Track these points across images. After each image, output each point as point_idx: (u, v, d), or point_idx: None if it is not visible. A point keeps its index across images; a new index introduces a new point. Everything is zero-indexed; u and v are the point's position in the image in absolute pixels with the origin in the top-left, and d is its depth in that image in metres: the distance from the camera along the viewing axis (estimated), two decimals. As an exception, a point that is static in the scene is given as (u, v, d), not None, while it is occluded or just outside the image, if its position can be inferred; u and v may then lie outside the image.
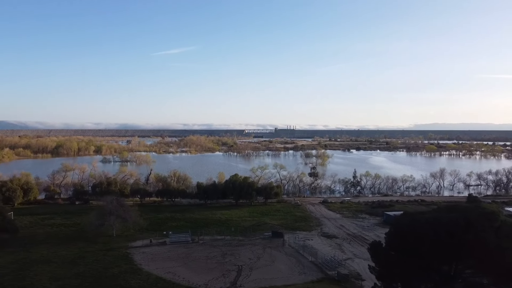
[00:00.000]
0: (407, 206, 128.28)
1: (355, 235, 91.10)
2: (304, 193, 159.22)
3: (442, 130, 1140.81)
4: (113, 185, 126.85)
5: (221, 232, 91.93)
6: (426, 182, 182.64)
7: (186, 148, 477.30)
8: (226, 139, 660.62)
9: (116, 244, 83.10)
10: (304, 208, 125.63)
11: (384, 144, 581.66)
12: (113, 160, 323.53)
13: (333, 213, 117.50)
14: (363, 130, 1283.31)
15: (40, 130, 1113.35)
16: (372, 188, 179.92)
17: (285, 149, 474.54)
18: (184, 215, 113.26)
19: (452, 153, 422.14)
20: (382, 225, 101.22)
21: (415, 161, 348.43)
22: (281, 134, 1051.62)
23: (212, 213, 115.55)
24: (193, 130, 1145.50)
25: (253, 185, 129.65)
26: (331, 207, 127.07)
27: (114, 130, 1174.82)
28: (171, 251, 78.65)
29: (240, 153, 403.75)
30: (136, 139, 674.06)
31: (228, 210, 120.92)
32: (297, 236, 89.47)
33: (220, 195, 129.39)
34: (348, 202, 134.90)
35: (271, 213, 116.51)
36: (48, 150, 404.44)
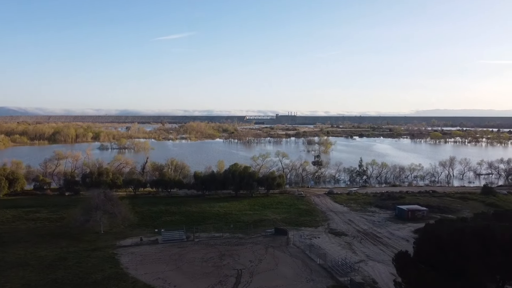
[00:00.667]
0: (418, 198, 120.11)
1: (366, 232, 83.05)
2: (308, 183, 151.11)
3: (444, 117, 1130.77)
4: (105, 175, 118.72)
5: (219, 228, 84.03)
6: (435, 171, 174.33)
7: (186, 134, 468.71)
8: (226, 125, 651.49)
9: (103, 242, 75.18)
10: (309, 200, 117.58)
11: (387, 131, 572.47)
12: (110, 147, 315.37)
13: (340, 206, 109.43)
14: (365, 117, 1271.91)
15: (40, 116, 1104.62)
16: (379, 177, 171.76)
17: (287, 135, 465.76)
18: (179, 208, 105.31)
19: (457, 140, 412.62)
20: (394, 220, 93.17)
21: (420, 149, 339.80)
22: (282, 120, 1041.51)
23: (210, 206, 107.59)
24: (194, 117, 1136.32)
25: (254, 175, 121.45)
26: (338, 199, 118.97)
27: (114, 116, 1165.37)
28: (163, 251, 70.70)
29: (241, 140, 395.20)
30: (136, 125, 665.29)
31: (227, 202, 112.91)
32: (302, 233, 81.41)
33: (219, 185, 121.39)
34: (355, 193, 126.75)
35: (274, 206, 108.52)
36: (45, 136, 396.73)
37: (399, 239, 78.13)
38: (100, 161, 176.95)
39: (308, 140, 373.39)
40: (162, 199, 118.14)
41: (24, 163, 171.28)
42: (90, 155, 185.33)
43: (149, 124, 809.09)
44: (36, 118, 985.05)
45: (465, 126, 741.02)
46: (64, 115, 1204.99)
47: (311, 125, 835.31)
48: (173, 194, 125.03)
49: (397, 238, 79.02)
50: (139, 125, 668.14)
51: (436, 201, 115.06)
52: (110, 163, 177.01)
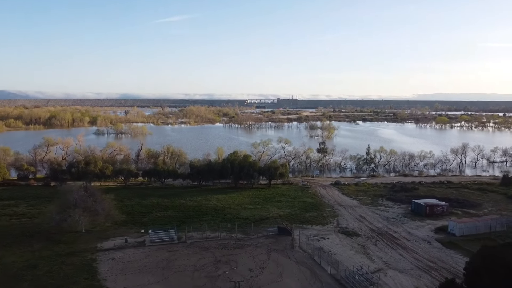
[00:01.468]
0: (433, 189, 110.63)
1: (380, 231, 73.65)
2: (312, 172, 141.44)
3: (448, 101, 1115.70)
4: (92, 164, 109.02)
5: (216, 227, 74.77)
6: (446, 159, 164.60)
7: (186, 119, 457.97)
8: (227, 109, 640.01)
9: (82, 244, 65.91)
10: (314, 191, 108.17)
11: (390, 115, 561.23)
12: (107, 132, 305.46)
13: (348, 199, 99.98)
14: (367, 101, 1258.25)
15: (39, 100, 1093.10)
16: (387, 165, 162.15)
17: (288, 120, 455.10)
18: (173, 201, 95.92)
19: (463, 125, 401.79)
20: (410, 216, 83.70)
21: (426, 134, 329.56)
22: (283, 104, 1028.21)
23: (207, 199, 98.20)
24: (194, 100, 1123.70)
25: (254, 165, 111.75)
26: (345, 190, 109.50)
27: (114, 100, 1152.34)
28: (149, 256, 61.42)
29: (242, 125, 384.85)
30: (135, 109, 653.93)
31: (226, 194, 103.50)
32: (309, 233, 72.13)
33: (216, 176, 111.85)
34: (364, 184, 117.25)
35: (276, 199, 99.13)
36: (41, 121, 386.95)
37: (419, 241, 68.73)
38: (92, 147, 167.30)
39: (310, 125, 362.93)
40: (154, 190, 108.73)
41: (14, 149, 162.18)
42: (82, 141, 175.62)
43: (149, 108, 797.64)
44: (35, 102, 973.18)
45: (470, 111, 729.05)
46: (63, 99, 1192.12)
47: (312, 109, 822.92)
48: (167, 184, 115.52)
49: (416, 239, 69.61)
50: (139, 109, 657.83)
51: (454, 193, 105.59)
52: (102, 150, 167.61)
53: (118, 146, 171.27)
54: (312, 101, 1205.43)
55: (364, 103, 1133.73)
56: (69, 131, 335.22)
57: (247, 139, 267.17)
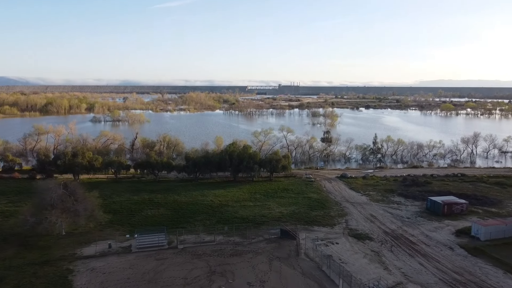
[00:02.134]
0: (447, 183, 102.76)
1: (395, 234, 65.96)
2: (316, 164, 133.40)
3: (451, 87, 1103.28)
4: (80, 156, 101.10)
5: (211, 228, 67.24)
6: (456, 149, 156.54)
7: (185, 106, 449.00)
8: (227, 96, 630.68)
9: (59, 250, 58.32)
10: (319, 185, 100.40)
11: (394, 102, 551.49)
12: (103, 119, 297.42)
13: (357, 195, 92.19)
14: (369, 87, 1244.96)
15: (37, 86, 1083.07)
16: (394, 155, 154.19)
17: (290, 107, 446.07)
18: (166, 197, 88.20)
19: (469, 113, 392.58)
20: (426, 216, 75.91)
21: (432, 122, 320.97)
22: (284, 90, 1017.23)
23: (203, 194, 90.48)
24: (194, 87, 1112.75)
25: (255, 156, 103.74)
26: (353, 184, 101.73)
27: (113, 86, 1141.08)
28: (134, 265, 53.86)
29: (242, 112, 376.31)
30: (134, 95, 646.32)
31: (224, 189, 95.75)
32: (316, 236, 64.51)
33: (214, 168, 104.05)
34: (372, 177, 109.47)
35: (278, 194, 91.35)
36: (37, 108, 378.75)
37: (439, 246, 61.03)
38: (85, 136, 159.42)
39: (312, 112, 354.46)
40: (147, 184, 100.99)
41: (5, 137, 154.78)
42: (74, 129, 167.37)
43: (148, 95, 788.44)
44: (33, 88, 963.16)
45: (474, 97, 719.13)
46: (62, 85, 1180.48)
47: (314, 96, 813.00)
48: (161, 177, 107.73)
49: (437, 244, 61.90)
50: (138, 96, 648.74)
51: (470, 188, 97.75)
52: (95, 139, 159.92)
53: (112, 135, 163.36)
54: (313, 88, 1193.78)
55: (366, 89, 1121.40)
56: (65, 118, 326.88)
57: (247, 127, 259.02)
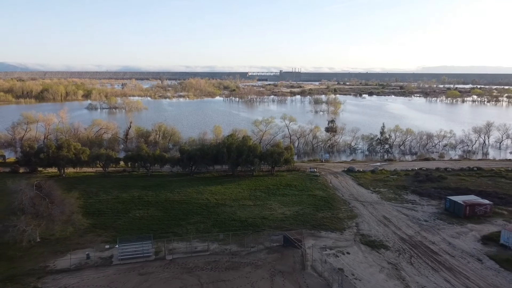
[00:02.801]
0: (463, 178, 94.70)
1: (413, 242, 58.17)
2: (321, 156, 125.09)
3: (454, 73, 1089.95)
4: (65, 149, 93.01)
5: (205, 233, 59.65)
6: (468, 139, 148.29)
7: (184, 92, 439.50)
8: (228, 82, 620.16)
9: (30, 262, 50.71)
10: (325, 181, 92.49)
11: (397, 89, 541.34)
12: (100, 106, 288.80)
13: (366, 192, 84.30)
14: (372, 73, 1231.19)
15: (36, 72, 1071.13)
16: (402, 146, 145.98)
17: (291, 93, 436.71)
18: (158, 194, 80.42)
19: (475, 100, 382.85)
20: (446, 218, 67.98)
21: (438, 109, 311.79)
22: (286, 77, 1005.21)
23: (198, 191, 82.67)
24: (195, 73, 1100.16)
25: (255, 149, 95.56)
26: (361, 179, 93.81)
27: (112, 72, 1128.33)
28: (114, 282, 46.23)
29: (243, 99, 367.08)
30: (133, 82, 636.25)
31: (221, 185, 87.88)
32: (323, 243, 56.83)
33: (210, 162, 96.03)
34: (381, 171, 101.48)
35: (280, 191, 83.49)
36: (32, 94, 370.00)
37: (466, 257, 53.29)
38: (76, 125, 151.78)
39: (315, 99, 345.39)
40: (138, 179, 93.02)
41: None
42: (65, 118, 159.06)
43: (148, 81, 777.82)
44: (31, 74, 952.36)
45: (478, 84, 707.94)
46: (62, 71, 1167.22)
47: (316, 82, 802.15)
48: (154, 171, 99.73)
49: (462, 254, 54.13)
50: (137, 82, 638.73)
51: (489, 184, 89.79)
52: (87, 129, 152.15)
53: (105, 124, 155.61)
54: (315, 74, 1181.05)
55: (368, 75, 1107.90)
56: (62, 105, 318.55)
57: (248, 114, 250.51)
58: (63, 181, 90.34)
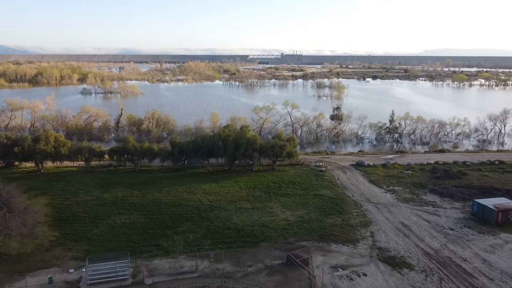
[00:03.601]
0: (485, 174, 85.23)
1: (441, 258, 49.02)
2: (326, 147, 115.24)
3: (459, 56, 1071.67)
4: (43, 141, 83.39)
5: (194, 245, 50.67)
6: (483, 127, 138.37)
7: (183, 76, 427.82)
8: (228, 65, 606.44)
9: (-21, 288, 41.88)
10: (332, 177, 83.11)
11: (402, 72, 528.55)
12: (94, 91, 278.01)
13: (379, 191, 74.98)
14: (374, 56, 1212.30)
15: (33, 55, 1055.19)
16: (412, 134, 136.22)
17: (293, 77, 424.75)
18: (144, 194, 71.19)
19: (483, 84, 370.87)
20: (475, 226, 58.61)
21: (445, 94, 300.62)
22: (287, 60, 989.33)
23: (190, 190, 73.40)
24: (195, 56, 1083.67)
25: (254, 141, 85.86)
26: (372, 175, 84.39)
27: (111, 55, 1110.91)
28: (77, 319, 37.33)
29: (243, 83, 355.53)
30: (132, 65, 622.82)
31: (216, 182, 78.53)
32: (334, 260, 47.76)
33: (205, 155, 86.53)
34: (394, 165, 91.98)
35: (283, 190, 74.17)
36: (26, 78, 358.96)
37: (506, 279, 44.21)
38: (64, 113, 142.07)
39: (317, 83, 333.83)
40: (124, 175, 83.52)
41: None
42: (52, 105, 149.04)
43: (147, 64, 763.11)
44: (29, 57, 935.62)
45: (483, 67, 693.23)
46: (59, 54, 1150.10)
47: (318, 65, 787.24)
48: (143, 166, 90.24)
49: (502, 275, 44.99)
50: (136, 65, 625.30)
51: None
52: (76, 116, 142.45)
53: (95, 111, 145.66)
54: (317, 57, 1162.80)
55: (371, 58, 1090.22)
56: (56, 90, 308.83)
57: (248, 100, 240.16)
58: (41, 177, 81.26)
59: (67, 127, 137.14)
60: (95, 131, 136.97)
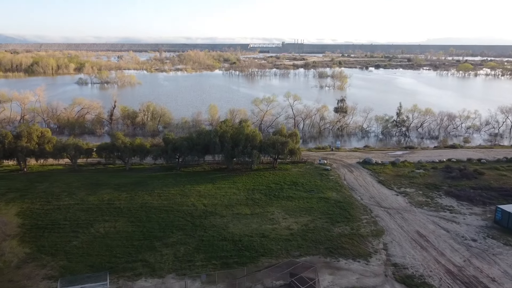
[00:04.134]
0: (503, 174, 78.89)
1: (466, 277, 42.94)
2: (332, 144, 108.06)
3: (462, 45, 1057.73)
4: (25, 138, 77.12)
5: (184, 261, 44.71)
6: (494, 120, 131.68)
7: (182, 65, 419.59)
8: (228, 54, 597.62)
9: None
10: (338, 177, 76.89)
11: (405, 61, 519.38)
12: (90, 81, 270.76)
13: (390, 193, 68.77)
14: (376, 45, 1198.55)
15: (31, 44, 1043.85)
16: (420, 128, 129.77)
17: (294, 66, 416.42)
18: (133, 197, 65.07)
19: (489, 73, 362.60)
20: (499, 235, 52.41)
21: (451, 84, 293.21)
22: (288, 48, 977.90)
23: (183, 193, 67.22)
24: (195, 45, 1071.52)
25: (254, 138, 79.44)
26: (381, 174, 78.17)
27: (110, 44, 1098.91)
28: None
29: (243, 72, 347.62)
30: (131, 54, 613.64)
31: (212, 183, 72.35)
32: (343, 280, 41.72)
33: (200, 153, 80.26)
34: (404, 163, 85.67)
35: (284, 192, 67.97)
36: (22, 68, 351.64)
37: (545, 306, 38.19)
38: (55, 105, 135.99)
39: (319, 72, 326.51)
40: (113, 175, 77.20)
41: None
42: (42, 96, 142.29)
43: (146, 53, 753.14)
44: (27, 46, 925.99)
45: (487, 56, 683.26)
46: (58, 43, 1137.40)
47: (319, 54, 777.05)
48: (134, 163, 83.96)
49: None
50: (135, 54, 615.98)
51: (538, 182, 74.06)
52: (67, 108, 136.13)
53: (88, 103, 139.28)
54: (318, 46, 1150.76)
55: (373, 47, 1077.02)
56: (53, 79, 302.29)
57: (248, 90, 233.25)
58: (23, 177, 75.09)
59: (58, 119, 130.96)
60: (88, 124, 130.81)
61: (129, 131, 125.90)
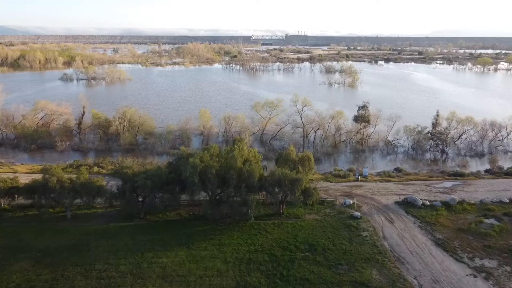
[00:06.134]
0: None
1: None
2: (357, 171, 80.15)
3: (472, 37, 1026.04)
4: None
5: None
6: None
7: (180, 59, 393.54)
8: (229, 47, 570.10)
9: None
10: (374, 233, 52.17)
11: (415, 55, 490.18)
12: (76, 77, 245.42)
13: (460, 269, 43.98)
14: (383, 37, 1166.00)
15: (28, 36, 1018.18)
16: (458, 140, 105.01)
17: (299, 60, 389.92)
18: (56, 279, 40.71)
19: (508, 68, 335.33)
20: None
21: (473, 80, 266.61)
22: (292, 41, 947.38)
23: (139, 270, 42.75)
24: (197, 37, 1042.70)
25: (251, 174, 54.25)
26: (436, 227, 53.43)
27: (109, 36, 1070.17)
28: None
29: (244, 66, 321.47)
30: (129, 46, 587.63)
31: (188, 245, 47.86)
32: None
33: (173, 191, 55.64)
34: (463, 205, 60.62)
35: (296, 270, 43.55)
36: (8, 62, 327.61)
37: None
38: (12, 110, 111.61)
39: (326, 67, 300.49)
40: (45, 229, 52.47)
41: None
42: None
43: (146, 45, 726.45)
44: (23, 38, 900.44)
45: (499, 48, 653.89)
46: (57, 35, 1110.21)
47: (324, 47, 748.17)
48: (81, 206, 59.20)
49: None
50: (133, 46, 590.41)
51: None
52: (28, 115, 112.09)
53: (53, 108, 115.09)
54: (322, 38, 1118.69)
55: (379, 39, 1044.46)
56: (39, 75, 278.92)
57: (249, 88, 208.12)
58: None
59: (15, 129, 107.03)
60: (54, 133, 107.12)
61: (100, 144, 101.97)
